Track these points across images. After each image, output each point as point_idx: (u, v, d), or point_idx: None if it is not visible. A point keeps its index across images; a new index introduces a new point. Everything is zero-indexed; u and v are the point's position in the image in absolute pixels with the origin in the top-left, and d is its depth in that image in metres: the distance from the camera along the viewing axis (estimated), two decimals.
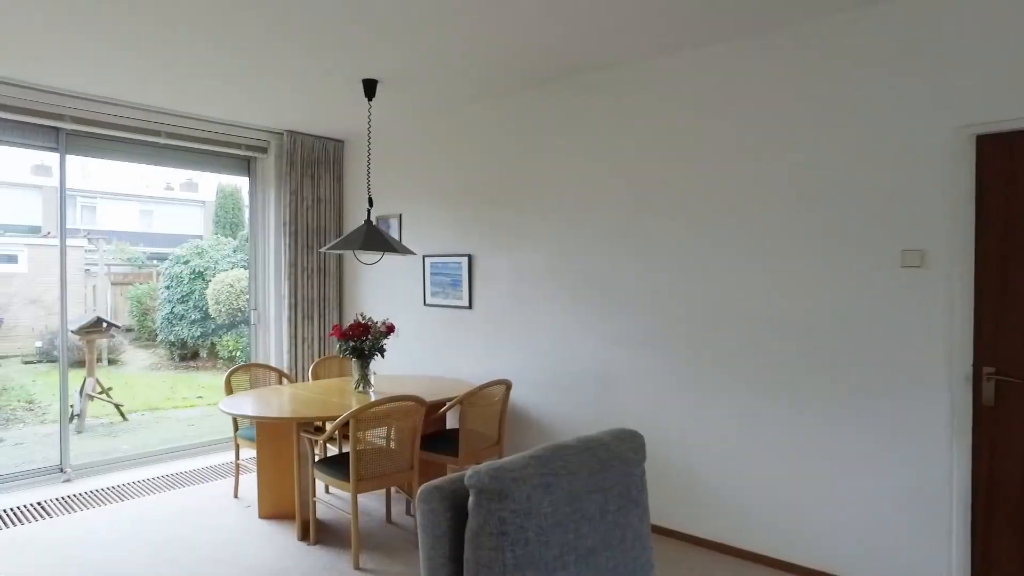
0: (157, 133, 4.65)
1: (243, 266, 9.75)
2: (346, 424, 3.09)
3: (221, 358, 9.74)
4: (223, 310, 9.27)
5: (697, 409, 3.34)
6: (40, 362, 8.96)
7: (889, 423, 2.75)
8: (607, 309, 3.70)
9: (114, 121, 4.44)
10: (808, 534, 2.98)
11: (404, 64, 3.58)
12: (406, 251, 3.70)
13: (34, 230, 12.47)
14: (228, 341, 9.56)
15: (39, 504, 3.94)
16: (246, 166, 5.33)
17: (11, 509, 3.85)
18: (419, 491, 1.40)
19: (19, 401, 7.17)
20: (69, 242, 4.60)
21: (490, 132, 4.31)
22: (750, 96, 3.12)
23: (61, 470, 4.44)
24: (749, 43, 3.13)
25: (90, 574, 3.05)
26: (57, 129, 4.33)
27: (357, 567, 3.11)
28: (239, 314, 9.31)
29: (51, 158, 4.53)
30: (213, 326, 9.56)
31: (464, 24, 3.03)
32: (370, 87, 3.90)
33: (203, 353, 9.94)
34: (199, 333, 9.57)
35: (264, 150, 5.22)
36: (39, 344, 9.14)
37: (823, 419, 2.93)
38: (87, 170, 13.93)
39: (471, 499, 1.34)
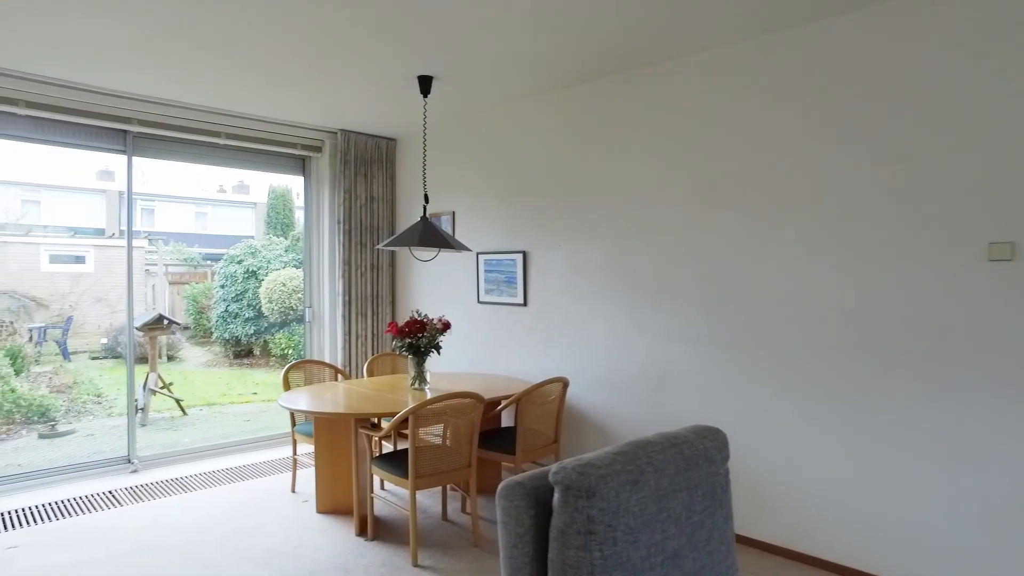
0: (217, 134, 4.76)
1: (294, 265, 9.95)
2: (402, 421, 3.09)
3: (273, 356, 9.96)
4: (275, 308, 9.48)
5: (759, 408, 3.22)
6: (105, 358, 9.33)
7: (978, 425, 2.59)
8: (665, 306, 3.61)
9: (177, 123, 4.57)
10: (889, 542, 2.83)
11: (461, 59, 3.56)
12: (462, 247, 3.68)
13: (98, 232, 13.02)
14: (280, 339, 9.77)
15: (110, 493, 4.07)
16: (301, 165, 5.42)
17: (85, 496, 4.00)
18: (500, 487, 1.36)
19: (88, 395, 7.47)
20: (132, 242, 4.75)
21: (546, 127, 4.26)
22: (817, 85, 2.99)
23: (129, 461, 4.59)
24: (814, 29, 2.99)
25: (165, 559, 3.13)
26: (125, 132, 4.47)
27: (416, 564, 3.10)
28: (291, 312, 9.50)
29: (115, 163, 4.69)
30: (266, 324, 9.78)
31: (524, 17, 2.98)
32: (425, 84, 3.89)
33: (256, 351, 10.19)
34: (252, 331, 9.80)
35: (319, 149, 5.29)
36: (104, 341, 9.52)
37: (901, 420, 2.78)
38: (145, 174, 14.46)
39: (556, 496, 1.30)
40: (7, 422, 6.14)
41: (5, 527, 3.55)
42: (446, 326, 3.78)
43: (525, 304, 4.38)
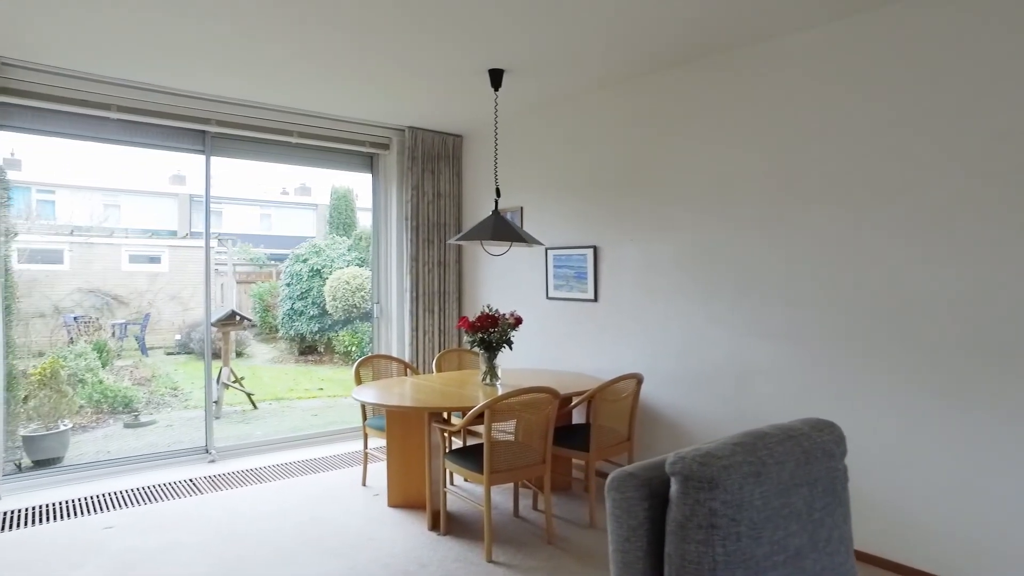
0: (289, 133, 4.87)
1: (357, 264, 10.14)
2: (476, 416, 3.06)
3: (337, 353, 10.17)
4: (339, 306, 9.68)
5: (847, 407, 3.05)
6: (179, 353, 9.73)
7: None
8: (745, 301, 3.47)
9: (252, 123, 4.70)
10: (1000, 554, 2.62)
11: (534, 50, 3.52)
12: (534, 241, 3.64)
13: (171, 233, 13.62)
14: (344, 336, 9.97)
15: (190, 481, 4.21)
16: (369, 163, 5.50)
17: (169, 483, 4.15)
18: (611, 479, 1.30)
19: (166, 388, 7.80)
20: (202, 243, 4.92)
21: (618, 119, 4.17)
22: (913, 67, 2.80)
23: (207, 451, 4.74)
24: (910, 6, 2.80)
25: (246, 545, 3.20)
26: (204, 132, 4.63)
27: (490, 559, 3.07)
28: (354, 310, 9.68)
29: (187, 167, 4.87)
30: (330, 322, 10.00)
31: (600, 4, 2.92)
32: (496, 77, 3.87)
33: (320, 348, 10.43)
34: (316, 328, 10.04)
35: (386, 146, 5.35)
36: (178, 337, 9.94)
37: (1011, 423, 2.57)
38: (213, 177, 15.05)
39: (675, 487, 1.23)
40: (96, 411, 6.47)
41: (100, 509, 3.72)
42: (518, 321, 3.74)
43: (596, 300, 4.30)
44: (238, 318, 7.36)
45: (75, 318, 8.57)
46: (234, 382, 7.22)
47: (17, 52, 3.62)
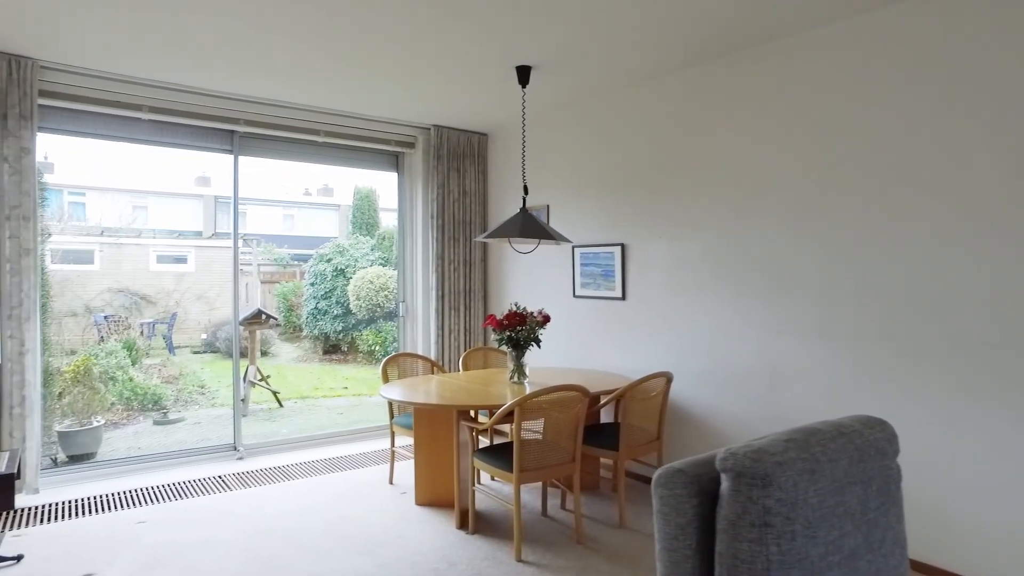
0: (316, 132, 4.90)
1: (380, 263, 10.18)
2: (505, 414, 3.04)
3: (361, 352, 10.22)
4: (363, 305, 9.73)
5: (886, 406, 2.97)
6: (204, 352, 9.86)
7: None
8: (777, 298, 3.40)
9: (279, 122, 4.73)
10: None
11: (562, 46, 3.49)
12: (562, 239, 3.61)
13: (196, 234, 13.82)
14: (367, 335, 10.02)
15: (219, 477, 4.25)
16: (395, 161, 5.51)
17: (198, 479, 4.20)
18: (658, 475, 1.27)
19: (193, 386, 7.90)
20: (227, 243, 4.97)
21: (645, 116, 4.13)
22: (954, 58, 2.72)
23: (235, 448, 4.79)
24: None
25: (277, 541, 3.21)
26: (232, 132, 4.67)
27: (519, 559, 3.05)
28: (378, 310, 9.72)
29: (212, 168, 4.92)
30: (353, 321, 10.06)
31: None
32: (524, 74, 3.85)
33: (344, 347, 10.49)
34: (340, 328, 10.10)
35: (412, 145, 5.36)
36: (204, 336, 10.07)
37: None
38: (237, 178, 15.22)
39: (726, 484, 1.19)
40: (127, 409, 6.57)
41: (133, 503, 3.76)
42: (546, 319, 3.72)
43: (623, 298, 4.26)
44: (264, 316, 7.43)
45: (105, 317, 8.73)
46: (260, 380, 7.29)
47: (54, 55, 3.68)
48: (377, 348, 9.78)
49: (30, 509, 3.65)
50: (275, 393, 7.44)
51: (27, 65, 3.69)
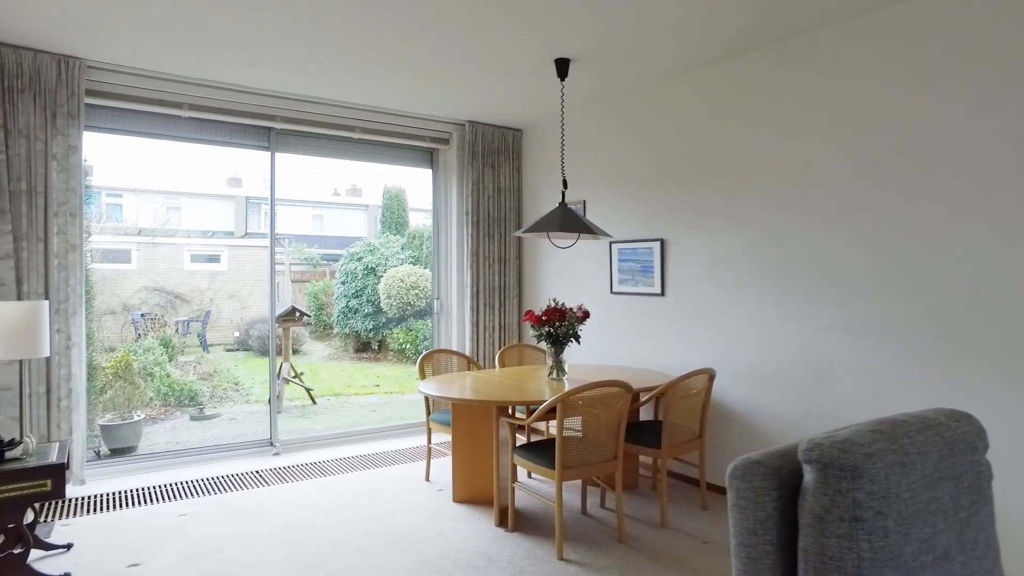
0: (352, 128, 4.91)
1: (411, 262, 10.21)
2: (546, 411, 2.99)
3: (391, 350, 10.25)
4: (394, 304, 9.76)
5: (942, 404, 2.85)
6: (237, 350, 9.98)
7: None
8: (822, 293, 3.30)
9: (316, 119, 4.75)
10: None
11: (604, 37, 3.43)
12: (602, 233, 3.55)
13: (228, 234, 14.02)
14: (398, 333, 10.05)
15: (257, 473, 4.27)
16: (429, 158, 5.50)
17: (236, 474, 4.23)
18: (733, 467, 1.21)
19: (227, 383, 8.00)
20: (258, 243, 5.00)
21: (685, 109, 4.05)
22: (1013, 43, 2.60)
23: (271, 444, 4.81)
24: None
25: (315, 535, 3.21)
26: (269, 129, 4.70)
27: (561, 557, 3.00)
28: (408, 308, 9.75)
29: (243, 170, 4.95)
30: (384, 319, 10.09)
31: None
32: (563, 67, 3.80)
33: (374, 345, 10.54)
34: (371, 326, 10.15)
35: (446, 141, 5.34)
36: (236, 334, 10.20)
37: None
38: (266, 180, 15.42)
39: (811, 476, 1.13)
40: (164, 404, 6.67)
41: (174, 496, 3.80)
42: (586, 315, 3.66)
43: (663, 294, 4.18)
44: (298, 314, 7.49)
45: (142, 315, 8.88)
46: (294, 377, 7.34)
47: (99, 55, 3.74)
48: (408, 346, 9.80)
49: (77, 500, 3.71)
50: (308, 390, 7.50)
51: (75, 65, 3.75)
